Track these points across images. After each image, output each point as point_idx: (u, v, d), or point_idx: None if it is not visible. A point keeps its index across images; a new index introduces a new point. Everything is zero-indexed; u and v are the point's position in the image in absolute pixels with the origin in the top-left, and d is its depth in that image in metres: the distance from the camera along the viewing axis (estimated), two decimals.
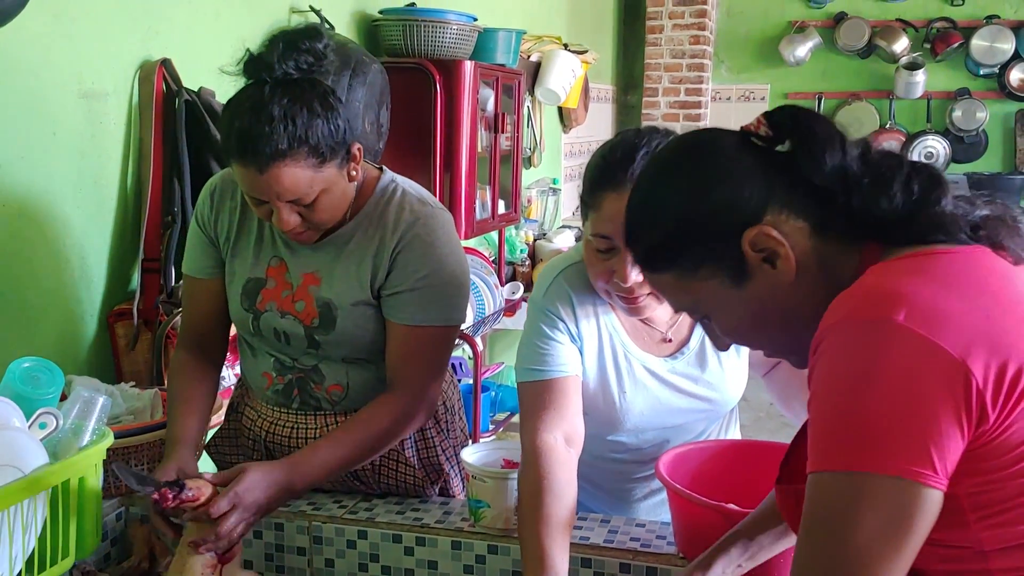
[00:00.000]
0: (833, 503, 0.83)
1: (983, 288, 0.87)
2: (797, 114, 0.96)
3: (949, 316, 0.83)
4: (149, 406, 1.73)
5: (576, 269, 1.45)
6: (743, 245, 0.93)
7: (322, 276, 1.51)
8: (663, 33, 5.99)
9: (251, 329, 1.55)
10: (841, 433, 0.83)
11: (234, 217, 1.54)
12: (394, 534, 1.48)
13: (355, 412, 1.56)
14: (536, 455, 1.33)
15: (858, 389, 0.82)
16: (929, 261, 0.90)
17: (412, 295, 1.47)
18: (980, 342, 0.82)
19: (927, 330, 0.81)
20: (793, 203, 0.94)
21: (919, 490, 0.81)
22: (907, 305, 0.83)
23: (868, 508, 0.81)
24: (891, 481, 0.81)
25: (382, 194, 1.51)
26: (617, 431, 1.50)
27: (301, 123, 1.32)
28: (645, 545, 1.41)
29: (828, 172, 0.93)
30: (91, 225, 2.02)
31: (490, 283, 3.59)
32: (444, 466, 1.64)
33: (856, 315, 0.85)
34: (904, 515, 0.81)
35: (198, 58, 2.28)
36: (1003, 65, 5.99)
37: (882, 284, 0.87)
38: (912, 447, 0.81)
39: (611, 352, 1.46)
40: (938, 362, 0.81)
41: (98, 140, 2.02)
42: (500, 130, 3.42)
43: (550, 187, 4.81)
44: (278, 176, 1.33)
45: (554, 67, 4.37)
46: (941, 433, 0.81)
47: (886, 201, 0.92)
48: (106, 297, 2.06)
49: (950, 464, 0.82)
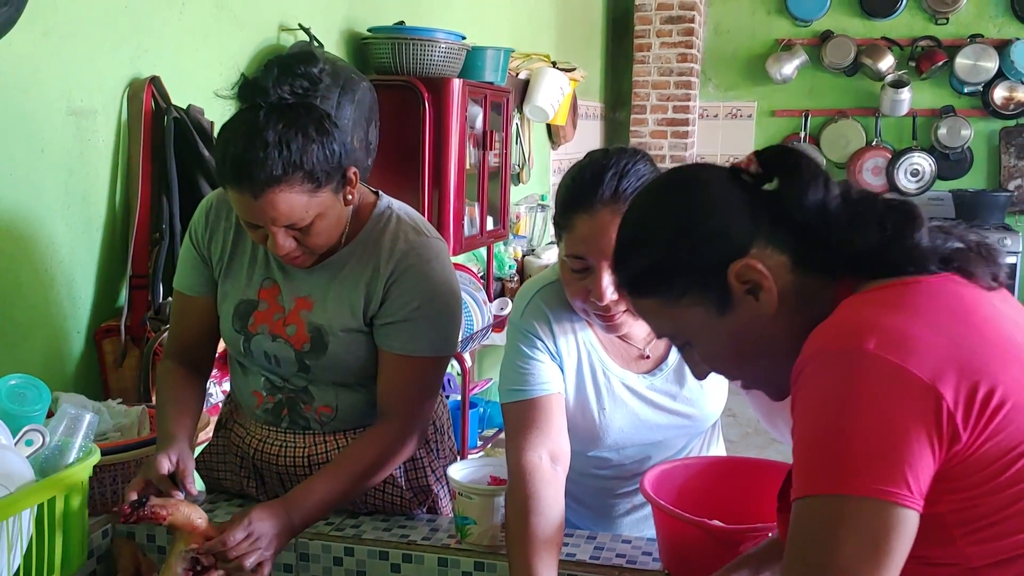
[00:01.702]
0: (814, 526, 0.87)
1: (951, 314, 0.91)
2: (786, 153, 1.02)
3: (918, 342, 0.87)
4: (136, 423, 1.72)
5: (552, 289, 1.46)
6: (729, 276, 0.97)
7: (315, 301, 1.50)
8: (651, 51, 6.03)
9: (242, 350, 1.56)
10: (820, 459, 0.87)
11: (228, 237, 1.54)
12: (381, 551, 1.49)
13: (344, 433, 1.57)
14: (522, 475, 1.34)
15: (834, 416, 0.86)
16: (897, 291, 0.94)
17: (405, 325, 1.48)
18: (949, 366, 0.85)
19: (897, 356, 0.85)
20: (776, 238, 0.98)
21: (895, 510, 0.84)
22: (877, 334, 0.87)
23: (847, 530, 0.84)
24: (867, 503, 0.84)
25: (378, 220, 1.51)
26: (598, 447, 1.51)
27: (296, 148, 1.32)
28: (631, 561, 1.41)
29: (809, 208, 0.98)
30: (79, 242, 2.02)
31: (478, 299, 3.60)
32: (433, 487, 1.64)
33: (830, 346, 0.89)
34: (882, 535, 0.84)
35: (187, 76, 2.29)
36: (987, 83, 6.05)
37: (853, 316, 0.92)
38: (886, 469, 0.84)
39: (589, 369, 1.47)
40: (909, 387, 0.85)
41: (86, 157, 2.02)
42: (488, 147, 3.44)
43: (538, 203, 4.83)
44: (273, 202, 1.33)
45: (542, 85, 4.40)
46: (914, 454, 0.84)
47: (860, 239, 0.97)
48: (93, 314, 2.06)
49: (924, 484, 0.85)
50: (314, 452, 1.58)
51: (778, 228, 0.99)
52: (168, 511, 1.31)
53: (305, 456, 1.58)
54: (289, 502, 1.41)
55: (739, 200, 1.00)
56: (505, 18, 4.42)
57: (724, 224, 0.99)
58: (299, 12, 2.72)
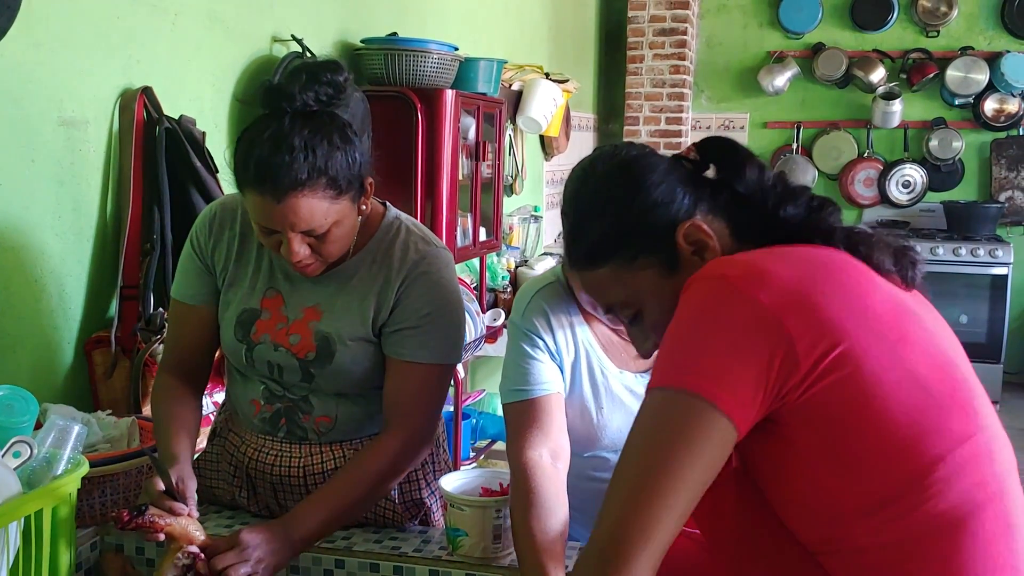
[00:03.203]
0: (647, 411, 0.98)
1: (822, 270, 1.00)
2: (722, 142, 1.17)
3: (774, 279, 0.97)
4: (126, 434, 1.71)
5: (552, 289, 1.47)
6: (677, 237, 1.11)
7: (323, 310, 1.50)
8: (644, 63, 6.06)
9: (244, 360, 1.55)
10: (668, 358, 0.99)
11: (233, 246, 1.54)
12: (371, 563, 1.48)
13: (340, 444, 1.56)
14: (523, 473, 1.35)
15: (688, 327, 0.99)
16: (788, 248, 1.06)
17: (415, 332, 1.48)
18: (800, 306, 0.95)
19: (750, 285, 0.97)
20: (717, 209, 1.14)
21: (706, 407, 0.93)
22: (740, 267, 1.00)
23: (662, 418, 0.95)
24: (688, 397, 0.93)
25: (387, 231, 1.52)
26: (595, 447, 1.52)
27: (322, 154, 1.33)
28: None
29: (749, 181, 1.13)
30: (69, 253, 2.01)
31: (472, 310, 3.59)
32: (426, 500, 1.63)
33: (703, 272, 1.02)
34: (692, 427, 0.92)
35: (179, 86, 2.29)
36: (977, 95, 6.08)
37: (734, 256, 1.05)
38: (715, 374, 0.94)
39: (587, 369, 1.48)
40: (753, 310, 0.95)
41: (77, 168, 2.02)
42: (481, 158, 3.44)
43: (532, 214, 4.83)
44: (295, 206, 1.33)
45: (535, 96, 4.41)
46: (743, 366, 0.93)
47: (792, 208, 1.11)
48: (83, 325, 2.05)
49: (747, 400, 0.93)
50: (310, 463, 1.57)
51: (718, 199, 1.14)
52: (166, 522, 1.30)
53: (301, 467, 1.57)
54: (288, 518, 1.41)
55: (682, 175, 1.15)
56: (498, 29, 4.43)
57: (670, 192, 1.12)
58: (292, 23, 2.72)
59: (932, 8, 6.17)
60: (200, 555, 1.32)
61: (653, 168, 1.14)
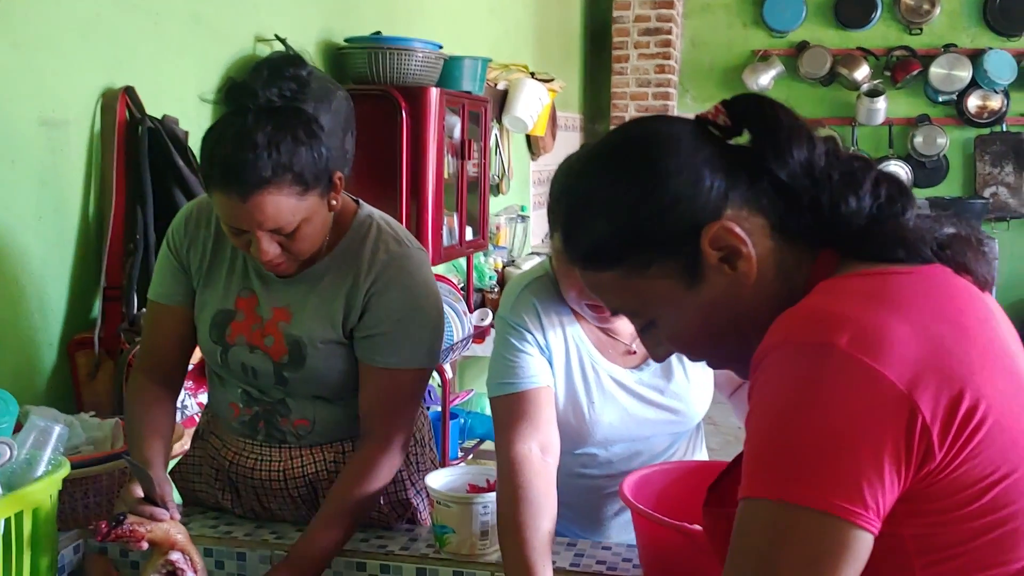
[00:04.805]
0: (759, 532, 0.78)
1: (940, 313, 0.81)
2: (760, 103, 0.89)
3: (897, 342, 0.76)
4: (110, 436, 1.70)
5: (541, 283, 1.46)
6: (702, 243, 0.86)
7: (293, 312, 1.48)
8: (629, 63, 6.06)
9: (219, 362, 1.53)
10: (773, 460, 0.78)
11: (208, 246, 1.52)
12: (358, 562, 1.46)
13: (320, 447, 1.55)
14: (511, 467, 1.33)
15: (792, 414, 0.77)
16: (882, 281, 0.83)
17: (386, 338, 1.46)
18: (931, 372, 0.76)
19: (871, 357, 0.75)
20: (753, 199, 0.87)
21: (848, 529, 0.75)
22: (851, 328, 0.77)
23: (793, 542, 0.76)
24: (816, 516, 0.75)
25: (358, 229, 1.49)
26: (586, 443, 1.51)
27: (286, 151, 1.30)
28: (611, 568, 1.40)
29: (795, 165, 0.86)
30: (51, 254, 1.99)
31: (459, 310, 3.59)
32: (412, 500, 1.62)
33: (798, 336, 0.79)
34: (827, 555, 0.75)
35: (162, 86, 2.27)
36: (961, 92, 6.12)
37: (828, 304, 0.81)
38: (844, 483, 0.75)
39: (578, 363, 1.47)
40: (880, 393, 0.75)
41: (59, 168, 2.00)
42: (467, 156, 3.44)
43: (518, 214, 4.83)
44: (261, 204, 1.31)
45: (521, 95, 4.40)
46: (877, 470, 0.75)
47: (854, 201, 0.86)
48: (66, 326, 2.03)
49: (885, 504, 0.76)
50: (289, 467, 1.55)
51: (754, 187, 0.86)
52: (147, 528, 1.28)
53: (280, 471, 1.55)
54: (294, 563, 1.40)
55: (708, 155, 0.87)
56: (482, 29, 4.42)
57: (694, 182, 0.86)
58: (275, 22, 2.71)
59: (915, 6, 6.21)
60: (179, 560, 1.30)
61: (671, 150, 0.87)
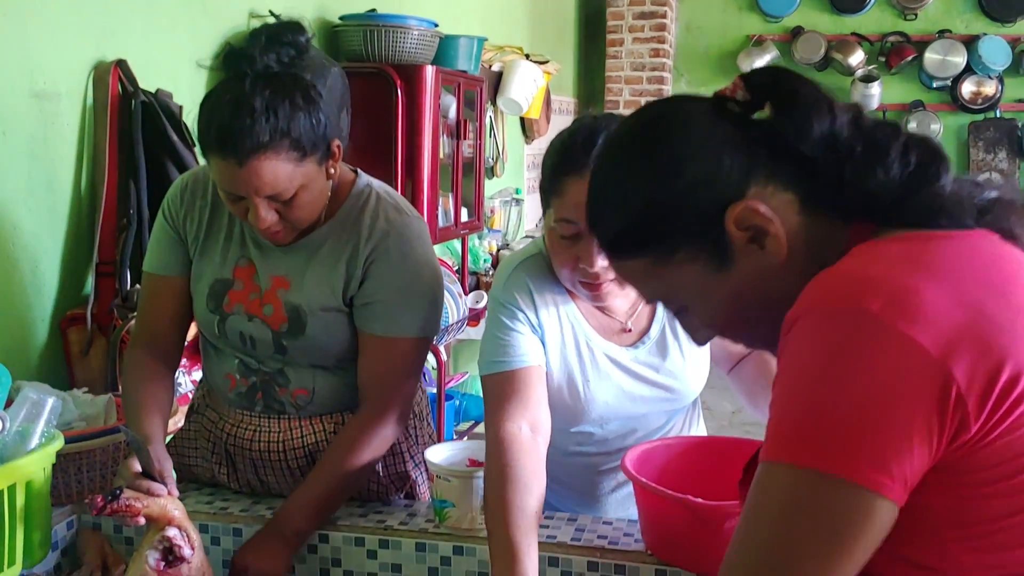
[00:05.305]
0: (773, 497, 0.76)
1: (981, 279, 0.77)
2: (778, 75, 0.87)
3: (932, 308, 0.73)
4: (103, 412, 1.68)
5: (534, 261, 1.44)
6: (726, 224, 0.84)
7: (292, 280, 1.47)
8: (623, 46, 6.04)
9: (216, 332, 1.52)
10: (799, 425, 0.76)
11: (204, 215, 1.51)
12: (356, 537, 1.45)
13: (320, 418, 1.53)
14: (500, 445, 1.32)
15: (821, 380, 0.75)
16: (920, 245, 0.80)
17: (386, 306, 1.45)
18: (968, 340, 0.73)
19: (904, 323, 0.73)
20: (778, 175, 0.84)
21: (871, 498, 0.73)
22: (884, 293, 0.74)
23: (813, 509, 0.74)
24: (842, 484, 0.73)
25: (357, 199, 1.48)
26: (582, 422, 1.49)
27: (283, 115, 1.30)
28: (613, 543, 1.39)
29: (816, 139, 0.84)
30: (43, 229, 1.96)
31: (454, 292, 3.57)
32: (411, 473, 1.61)
33: (829, 301, 0.77)
34: (850, 522, 0.73)
35: (155, 60, 2.24)
36: (955, 78, 6.11)
37: (861, 269, 0.79)
38: (871, 451, 0.73)
39: (573, 342, 1.46)
40: (913, 360, 0.72)
41: (50, 142, 1.97)
42: (462, 136, 3.41)
43: (513, 197, 4.80)
44: (258, 169, 1.30)
45: (516, 77, 4.38)
46: (906, 439, 0.72)
47: (881, 172, 0.83)
48: (58, 302, 2.00)
49: (912, 475, 0.74)
50: (289, 437, 1.54)
51: (779, 162, 0.84)
52: (143, 503, 1.26)
53: (280, 441, 1.54)
54: (278, 519, 1.41)
55: (727, 134, 0.85)
56: (477, 10, 4.39)
57: (714, 162, 0.84)
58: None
59: None
60: (176, 536, 1.28)
61: (688, 132, 0.86)
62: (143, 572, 1.28)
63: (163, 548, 1.30)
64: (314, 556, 1.47)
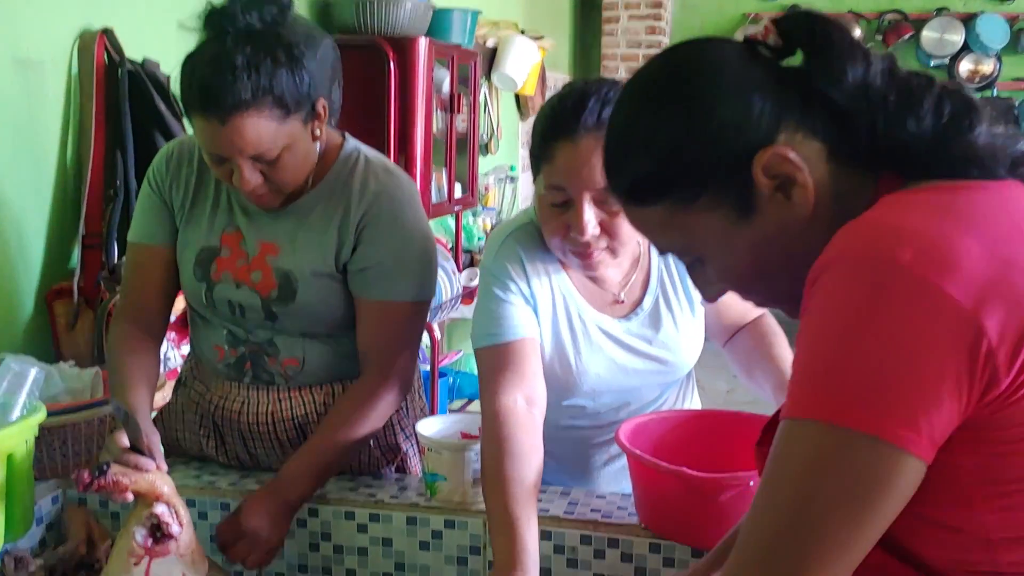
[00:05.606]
0: (801, 454, 0.73)
1: (1014, 231, 0.75)
2: (813, 20, 0.84)
3: (965, 260, 0.71)
4: (89, 386, 1.65)
5: (525, 231, 1.42)
6: (754, 170, 0.81)
7: (281, 246, 1.45)
8: (619, 24, 6.00)
9: (204, 301, 1.49)
10: (823, 380, 0.73)
11: (191, 183, 1.49)
12: (346, 511, 1.43)
13: (310, 388, 1.51)
14: (496, 419, 1.29)
15: (847, 333, 0.72)
16: (951, 195, 0.78)
17: (382, 270, 1.43)
18: (1000, 293, 0.70)
19: (936, 274, 0.70)
20: (807, 123, 0.82)
21: (899, 456, 0.70)
22: (915, 244, 0.72)
23: (838, 466, 0.72)
24: (869, 441, 0.71)
25: (345, 162, 1.46)
26: (574, 395, 1.47)
27: (265, 72, 1.27)
28: (606, 516, 1.37)
29: (849, 87, 0.81)
30: (28, 200, 1.93)
31: (448, 269, 3.54)
32: (401, 445, 1.59)
33: (856, 252, 0.74)
34: (874, 481, 0.71)
35: (141, 29, 2.20)
36: (953, 56, 6.08)
37: (890, 218, 0.76)
38: (899, 406, 0.70)
39: (565, 313, 1.43)
40: (944, 313, 0.70)
41: (35, 112, 1.94)
42: (456, 110, 3.37)
43: (507, 175, 4.77)
44: (241, 128, 1.28)
45: (511, 52, 4.33)
46: (935, 394, 0.70)
47: (914, 123, 0.80)
48: (44, 275, 1.98)
49: (940, 432, 0.71)
50: (278, 408, 1.51)
51: (809, 109, 0.82)
52: (131, 479, 1.24)
53: (268, 413, 1.51)
54: (280, 483, 1.39)
55: (758, 78, 0.82)
56: None
57: (743, 107, 0.81)
58: None
59: None
60: (164, 513, 1.26)
61: (719, 73, 0.83)
62: (130, 549, 1.25)
63: (151, 525, 1.27)
64: (303, 530, 1.44)
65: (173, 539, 1.26)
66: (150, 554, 1.23)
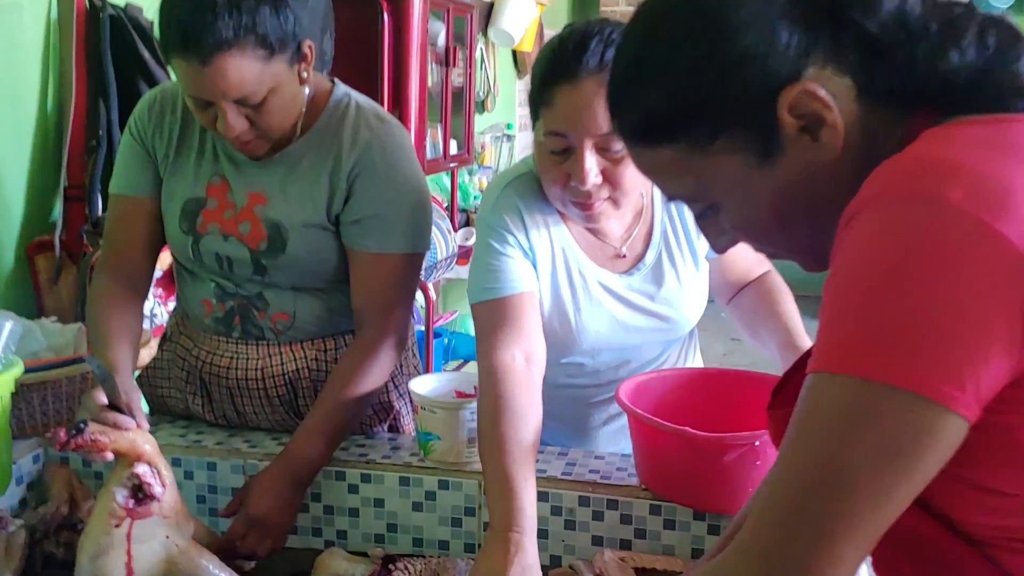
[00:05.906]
0: (833, 410, 0.67)
1: None
2: None
3: (1021, 198, 0.64)
4: (72, 342, 1.60)
5: (524, 180, 1.36)
6: (779, 109, 0.74)
7: (270, 196, 1.40)
8: None
9: (190, 254, 1.44)
10: (858, 331, 0.66)
11: (174, 131, 1.43)
12: (337, 471, 1.39)
13: (300, 344, 1.47)
14: (493, 376, 1.25)
15: (889, 281, 0.65)
16: (1002, 128, 0.71)
17: (376, 221, 1.39)
18: None
19: (989, 214, 0.64)
20: (837, 57, 0.74)
21: (940, 413, 0.64)
22: (966, 181, 0.65)
23: (873, 423, 0.65)
24: (908, 397, 0.64)
25: (336, 108, 1.41)
26: (573, 352, 1.42)
27: (247, 11, 1.22)
28: (605, 477, 1.33)
29: (885, 16, 0.74)
30: (7, 151, 1.87)
31: (443, 228, 3.48)
32: (394, 403, 1.55)
33: (901, 189, 0.67)
34: (915, 439, 0.65)
35: None
36: None
37: (936, 152, 0.69)
38: (942, 360, 0.64)
39: (564, 268, 1.38)
40: (998, 256, 0.63)
41: (11, 57, 1.87)
42: (451, 64, 3.29)
43: (504, 133, 4.70)
44: (223, 68, 1.22)
45: (508, 6, 4.24)
46: (983, 347, 0.64)
47: (957, 54, 0.73)
48: (25, 228, 1.92)
49: (987, 388, 0.65)
50: (267, 364, 1.47)
51: (839, 42, 0.74)
52: (110, 438, 1.18)
53: (258, 368, 1.47)
54: (287, 457, 1.34)
55: (785, 5, 0.74)
56: None
57: (768, 37, 0.73)
58: None
59: None
60: (145, 473, 1.20)
61: None
62: (111, 511, 1.20)
63: (132, 485, 1.22)
64: None
65: (155, 500, 1.21)
66: (132, 516, 1.18)
